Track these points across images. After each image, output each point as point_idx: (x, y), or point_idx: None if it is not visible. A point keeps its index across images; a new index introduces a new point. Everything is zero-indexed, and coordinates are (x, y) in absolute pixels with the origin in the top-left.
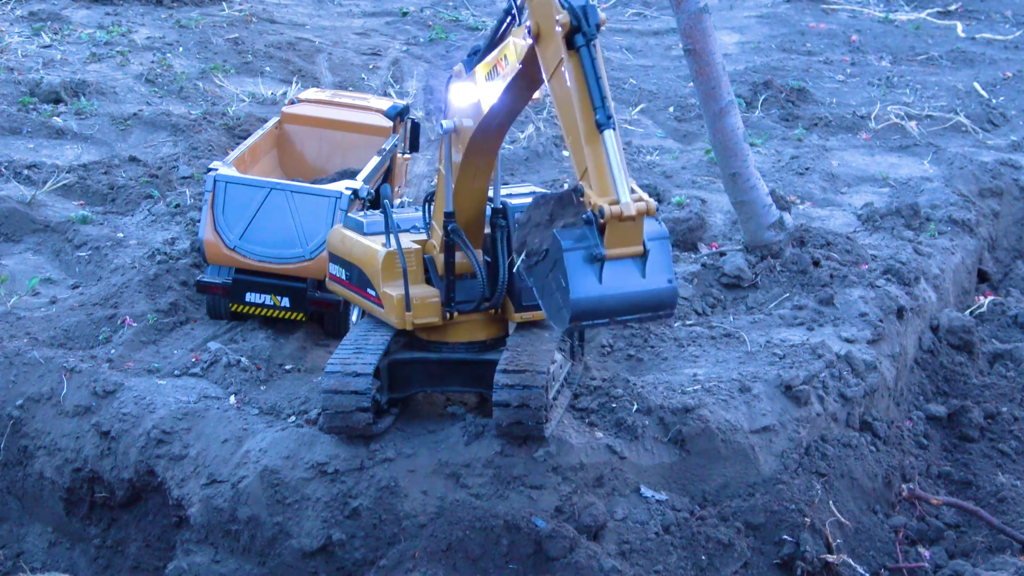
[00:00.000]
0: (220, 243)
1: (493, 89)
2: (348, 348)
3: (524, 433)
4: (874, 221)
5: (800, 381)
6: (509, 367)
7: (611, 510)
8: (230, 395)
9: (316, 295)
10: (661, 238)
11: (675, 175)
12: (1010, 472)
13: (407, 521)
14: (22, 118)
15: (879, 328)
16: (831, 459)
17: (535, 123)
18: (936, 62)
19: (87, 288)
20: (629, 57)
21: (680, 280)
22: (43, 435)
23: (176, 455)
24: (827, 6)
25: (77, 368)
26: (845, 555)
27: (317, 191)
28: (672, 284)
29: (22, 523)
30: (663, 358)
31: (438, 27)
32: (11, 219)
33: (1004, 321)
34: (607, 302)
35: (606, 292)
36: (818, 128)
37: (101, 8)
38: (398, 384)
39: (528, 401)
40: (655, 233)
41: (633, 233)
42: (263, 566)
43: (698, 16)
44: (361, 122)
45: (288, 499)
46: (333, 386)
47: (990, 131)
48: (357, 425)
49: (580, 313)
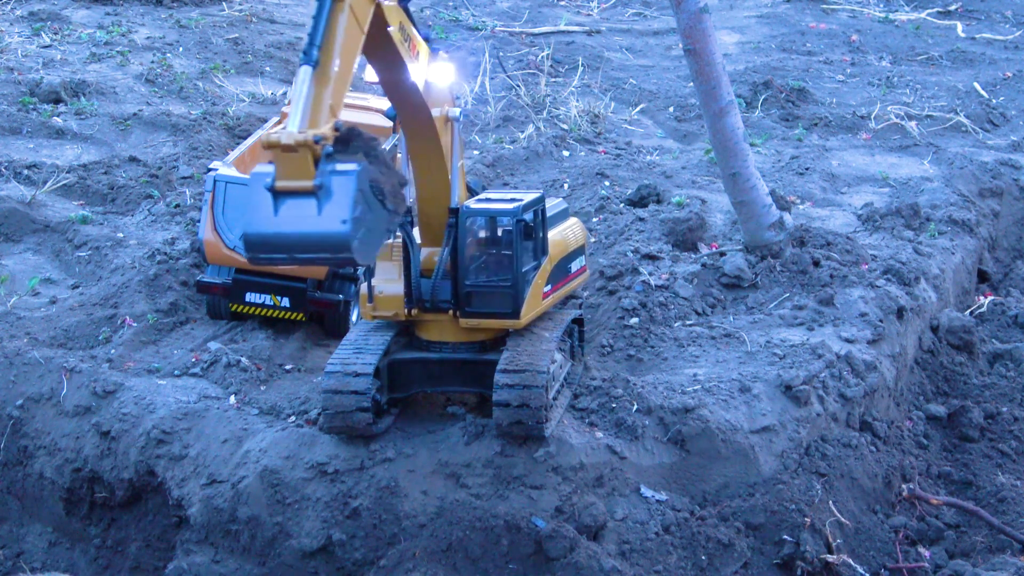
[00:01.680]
0: (220, 243)
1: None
2: (348, 348)
3: (524, 433)
4: (874, 221)
5: (800, 381)
6: (509, 367)
7: (611, 510)
8: (230, 395)
9: (316, 295)
10: (345, 174)
11: (675, 175)
12: (1010, 472)
13: (407, 521)
14: (22, 118)
15: (879, 328)
16: (831, 459)
17: (535, 123)
18: (936, 62)
19: (87, 288)
20: (629, 57)
21: (680, 280)
22: (43, 435)
23: (176, 455)
24: (827, 6)
25: (77, 368)
26: (845, 555)
27: None
28: (345, 226)
29: (22, 523)
30: (663, 358)
31: (438, 27)
32: (11, 219)
33: (1004, 321)
34: (281, 239)
35: (280, 229)
36: (818, 128)
37: (101, 8)
38: (398, 384)
39: (528, 401)
40: (341, 171)
41: (299, 166)
42: (263, 566)
43: (698, 16)
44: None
45: (288, 499)
46: (333, 386)
47: (990, 131)
48: (357, 425)
49: (252, 246)
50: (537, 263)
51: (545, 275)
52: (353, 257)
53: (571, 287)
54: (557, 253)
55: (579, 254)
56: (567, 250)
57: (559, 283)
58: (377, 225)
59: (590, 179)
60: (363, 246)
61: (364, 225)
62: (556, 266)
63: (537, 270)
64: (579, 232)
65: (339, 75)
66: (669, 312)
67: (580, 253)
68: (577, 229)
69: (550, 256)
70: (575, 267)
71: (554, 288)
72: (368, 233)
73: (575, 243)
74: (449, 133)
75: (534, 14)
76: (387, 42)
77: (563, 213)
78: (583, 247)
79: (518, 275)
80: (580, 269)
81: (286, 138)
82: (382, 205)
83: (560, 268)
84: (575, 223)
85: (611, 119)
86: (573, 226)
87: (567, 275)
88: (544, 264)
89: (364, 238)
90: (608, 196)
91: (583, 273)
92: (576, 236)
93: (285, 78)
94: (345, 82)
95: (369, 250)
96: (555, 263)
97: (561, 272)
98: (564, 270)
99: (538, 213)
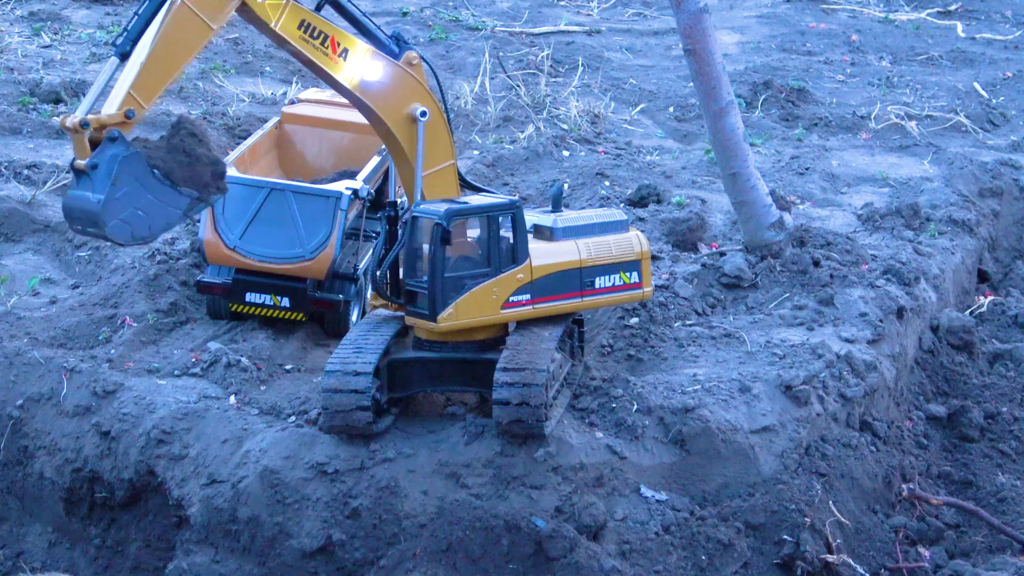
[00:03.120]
0: (220, 243)
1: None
2: (348, 347)
3: (524, 431)
4: (874, 221)
5: (800, 381)
6: (509, 365)
7: (611, 510)
8: (230, 395)
9: (316, 295)
10: (112, 157)
11: (675, 175)
12: (1010, 472)
13: (407, 521)
14: (22, 118)
15: (879, 328)
16: (831, 459)
17: (535, 123)
18: (936, 62)
19: (87, 288)
20: (629, 57)
21: (680, 280)
22: (43, 435)
23: (176, 455)
24: (827, 6)
25: (77, 368)
26: (845, 555)
27: (318, 191)
28: (98, 204)
29: (22, 523)
30: (663, 358)
31: (438, 27)
32: (11, 219)
33: (1004, 321)
34: (68, 211)
35: (68, 202)
36: (818, 128)
37: (101, 8)
38: (398, 384)
39: (528, 399)
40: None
41: (79, 146)
42: (263, 566)
43: (698, 16)
44: (361, 122)
45: (288, 499)
46: (333, 385)
47: (990, 131)
48: (357, 424)
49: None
50: (488, 271)
51: (512, 285)
52: (106, 234)
53: (596, 302)
54: (558, 265)
55: (616, 269)
56: (587, 264)
57: (557, 295)
58: (157, 208)
59: (590, 179)
60: (126, 225)
61: (131, 206)
62: (550, 277)
63: (491, 278)
64: (623, 246)
65: (147, 66)
66: (669, 312)
67: (619, 268)
68: (623, 243)
69: (535, 267)
70: (606, 282)
71: (539, 300)
72: (139, 214)
73: (608, 257)
74: (412, 132)
75: (534, 14)
76: (282, 40)
77: (614, 225)
78: (630, 262)
79: (436, 279)
80: (620, 285)
81: (66, 120)
82: (172, 188)
83: (564, 280)
84: (623, 238)
85: (611, 119)
86: (619, 240)
87: (584, 289)
88: (513, 273)
89: (129, 218)
90: (608, 196)
91: (628, 290)
92: (615, 250)
93: (285, 78)
94: (155, 73)
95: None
96: (549, 274)
97: (563, 284)
98: (577, 283)
99: (492, 220)
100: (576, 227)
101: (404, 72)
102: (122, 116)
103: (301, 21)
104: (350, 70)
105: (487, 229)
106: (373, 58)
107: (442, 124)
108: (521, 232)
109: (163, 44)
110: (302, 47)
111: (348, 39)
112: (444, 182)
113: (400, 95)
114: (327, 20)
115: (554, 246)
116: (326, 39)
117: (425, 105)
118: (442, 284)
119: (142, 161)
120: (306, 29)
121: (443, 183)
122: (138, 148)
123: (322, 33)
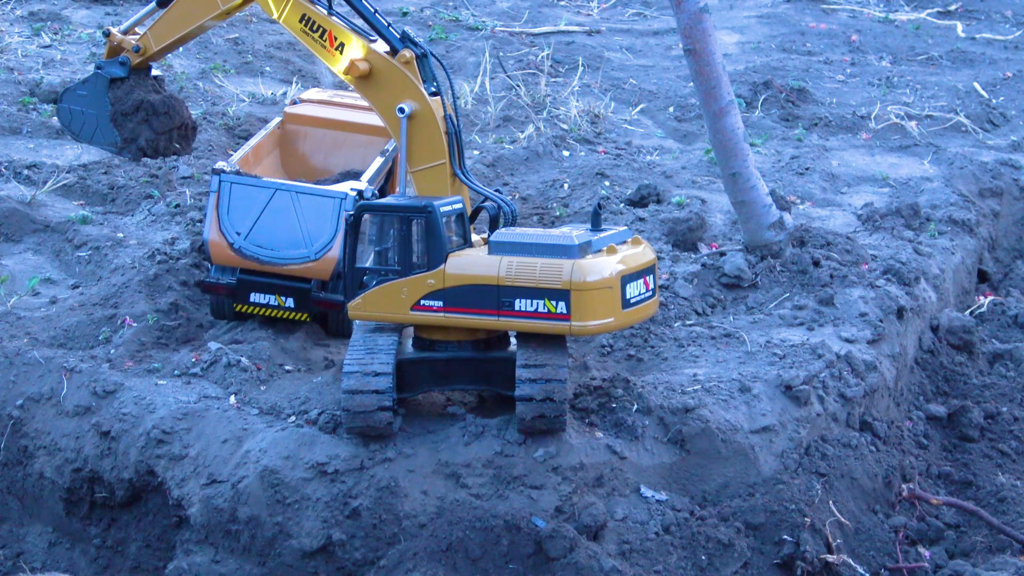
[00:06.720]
0: (225, 243)
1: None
2: (360, 349)
3: (546, 426)
4: (874, 221)
5: (800, 381)
6: (530, 362)
7: (611, 510)
8: (230, 395)
9: (320, 295)
10: (102, 67)
11: (675, 175)
12: (1010, 472)
13: (407, 521)
14: (22, 118)
15: (879, 328)
16: (831, 459)
17: (535, 123)
18: (936, 62)
19: (87, 288)
20: (629, 57)
21: (680, 280)
22: (43, 435)
23: (176, 455)
24: (827, 6)
25: (77, 368)
26: (845, 555)
27: (322, 192)
28: (69, 87)
29: (22, 523)
30: (663, 358)
31: (438, 27)
32: (11, 219)
33: (1004, 321)
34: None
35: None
36: (818, 128)
37: (101, 8)
38: (406, 384)
39: (552, 394)
40: (107, 66)
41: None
42: (263, 566)
43: (698, 16)
44: (364, 122)
45: (288, 499)
46: (354, 386)
47: (990, 131)
48: (378, 424)
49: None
50: (399, 270)
51: (422, 288)
52: (57, 108)
53: (514, 324)
54: (472, 278)
55: (540, 295)
56: (504, 282)
57: (472, 309)
58: (93, 123)
59: (590, 179)
60: (69, 114)
61: (82, 105)
62: (463, 289)
63: (400, 277)
64: (549, 272)
65: (164, 18)
66: (669, 312)
67: (543, 295)
68: (551, 268)
69: (448, 275)
70: (527, 306)
71: (452, 309)
72: (81, 115)
73: (531, 281)
74: (396, 127)
75: (534, 14)
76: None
77: (557, 248)
78: (555, 290)
79: (346, 267)
80: (544, 313)
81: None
82: (109, 120)
83: (479, 295)
84: (552, 264)
85: (611, 119)
86: (547, 265)
87: (502, 308)
88: (423, 277)
89: (75, 112)
90: (608, 196)
91: (550, 319)
92: (539, 275)
93: (285, 78)
94: (168, 26)
95: (75, 127)
96: (462, 285)
97: (479, 299)
98: (494, 301)
99: (403, 221)
100: (513, 243)
101: (396, 69)
102: (130, 45)
103: (302, 15)
104: (345, 63)
105: (398, 229)
106: (367, 54)
107: (433, 123)
108: (435, 237)
109: (180, 6)
110: (302, 39)
111: (345, 34)
112: (435, 180)
113: (390, 91)
114: (332, 14)
115: (480, 259)
116: (324, 33)
117: (415, 102)
118: (351, 273)
119: (104, 84)
120: (307, 23)
121: (434, 181)
122: (118, 74)
123: (320, 27)
